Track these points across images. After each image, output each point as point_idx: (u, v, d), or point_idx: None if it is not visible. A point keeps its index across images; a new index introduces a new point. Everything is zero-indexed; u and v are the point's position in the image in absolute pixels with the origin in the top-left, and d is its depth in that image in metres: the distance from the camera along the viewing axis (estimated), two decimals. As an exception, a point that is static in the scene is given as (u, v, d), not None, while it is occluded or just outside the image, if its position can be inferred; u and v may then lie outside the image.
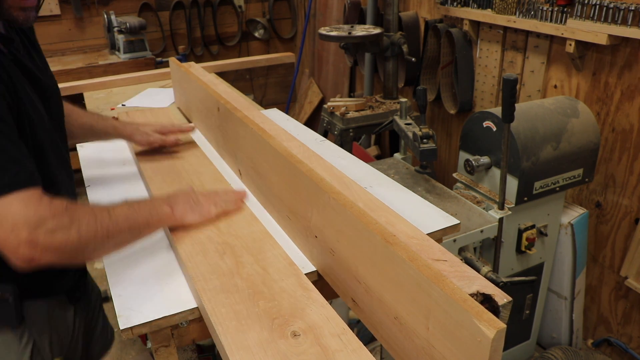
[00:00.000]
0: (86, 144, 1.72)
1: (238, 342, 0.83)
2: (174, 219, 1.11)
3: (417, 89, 1.91)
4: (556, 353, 2.05)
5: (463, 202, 1.85)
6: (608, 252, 2.18)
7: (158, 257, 1.12)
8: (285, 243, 1.15)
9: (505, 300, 0.68)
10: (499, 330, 0.62)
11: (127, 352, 2.51)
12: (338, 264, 0.97)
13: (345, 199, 0.93)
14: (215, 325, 0.86)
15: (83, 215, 0.92)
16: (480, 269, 1.67)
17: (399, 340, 0.82)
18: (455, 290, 0.69)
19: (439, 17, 2.81)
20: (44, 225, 0.84)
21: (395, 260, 0.79)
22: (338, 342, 0.81)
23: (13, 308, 1.03)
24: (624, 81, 1.96)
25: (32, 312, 1.09)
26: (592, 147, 1.93)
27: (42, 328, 1.11)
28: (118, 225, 0.97)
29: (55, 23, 4.01)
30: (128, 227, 1.00)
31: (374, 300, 0.87)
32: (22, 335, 1.07)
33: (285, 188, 1.14)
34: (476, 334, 0.64)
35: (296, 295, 0.93)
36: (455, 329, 0.69)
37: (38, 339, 1.10)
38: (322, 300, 0.91)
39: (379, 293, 0.85)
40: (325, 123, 2.80)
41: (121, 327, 0.92)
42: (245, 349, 0.81)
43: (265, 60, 3.48)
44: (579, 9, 1.97)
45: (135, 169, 1.55)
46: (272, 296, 0.93)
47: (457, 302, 0.67)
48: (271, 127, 1.28)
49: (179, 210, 1.12)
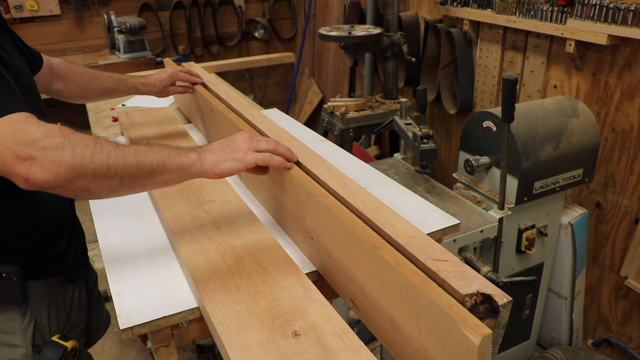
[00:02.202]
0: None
1: (239, 341, 0.83)
2: (201, 167, 0.96)
3: (417, 89, 1.91)
4: (556, 353, 2.05)
5: (463, 202, 1.85)
6: (608, 252, 2.18)
7: (158, 256, 1.12)
8: (285, 242, 1.15)
9: (505, 300, 0.67)
10: (485, 337, 0.62)
11: (127, 352, 2.51)
12: (334, 265, 0.97)
13: (332, 203, 0.93)
14: (217, 325, 0.86)
15: (80, 139, 0.87)
16: (480, 269, 1.67)
17: (397, 342, 0.82)
18: (441, 295, 0.68)
19: (439, 17, 2.81)
20: (36, 143, 0.82)
21: (383, 264, 0.79)
22: (339, 342, 0.81)
23: (18, 287, 1.08)
24: (624, 81, 1.96)
25: (33, 291, 1.13)
26: (592, 147, 1.93)
27: (42, 306, 1.16)
28: (124, 158, 0.88)
29: (55, 23, 4.01)
30: (136, 164, 0.90)
31: (369, 302, 0.87)
32: (26, 312, 1.13)
33: (279, 190, 1.15)
34: (463, 340, 0.65)
35: (297, 295, 0.93)
36: (444, 334, 0.69)
37: (39, 317, 1.15)
38: (322, 300, 0.91)
39: (373, 295, 0.85)
40: (325, 123, 2.80)
41: (121, 327, 0.91)
42: (246, 349, 0.81)
43: (265, 60, 3.49)
44: (579, 9, 1.97)
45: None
46: (272, 296, 0.93)
47: (442, 308, 0.67)
48: (271, 127, 1.28)
49: (208, 158, 0.96)
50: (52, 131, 0.85)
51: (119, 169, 0.88)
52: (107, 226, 1.25)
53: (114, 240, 1.19)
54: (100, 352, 2.48)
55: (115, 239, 1.20)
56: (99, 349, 2.49)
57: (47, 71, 1.41)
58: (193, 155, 0.96)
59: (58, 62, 1.46)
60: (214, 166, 0.97)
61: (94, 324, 1.44)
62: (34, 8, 3.85)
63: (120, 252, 1.14)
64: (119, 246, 1.16)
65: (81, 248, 1.31)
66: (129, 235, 1.21)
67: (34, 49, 1.37)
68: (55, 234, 1.19)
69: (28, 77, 1.18)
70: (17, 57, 1.16)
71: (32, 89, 1.18)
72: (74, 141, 0.85)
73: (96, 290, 1.49)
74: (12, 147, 0.82)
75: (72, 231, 1.26)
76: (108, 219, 1.28)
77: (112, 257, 1.12)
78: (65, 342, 1.13)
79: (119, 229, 1.23)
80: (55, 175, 0.83)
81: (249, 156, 0.99)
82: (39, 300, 1.15)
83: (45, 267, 1.16)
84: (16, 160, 0.82)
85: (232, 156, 0.98)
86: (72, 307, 1.26)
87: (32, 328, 1.14)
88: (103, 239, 1.20)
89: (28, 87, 1.15)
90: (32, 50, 1.36)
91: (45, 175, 0.83)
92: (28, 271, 1.11)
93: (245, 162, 0.98)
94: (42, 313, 1.16)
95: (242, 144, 1.00)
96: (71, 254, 1.24)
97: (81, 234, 1.34)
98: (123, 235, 1.21)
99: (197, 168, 0.96)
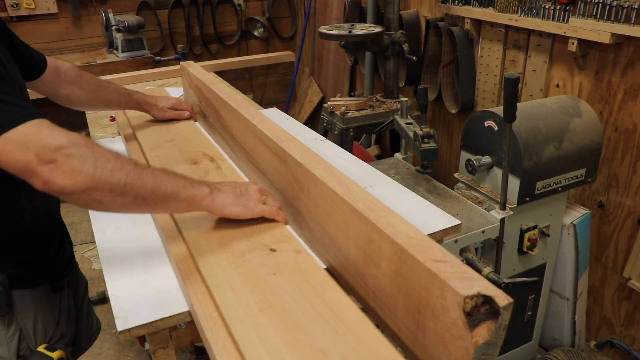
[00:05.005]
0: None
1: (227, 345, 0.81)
2: (211, 203, 1.02)
3: (418, 88, 1.89)
4: (558, 355, 2.03)
5: (464, 203, 1.84)
6: (611, 252, 2.17)
7: (156, 257, 1.11)
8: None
9: (507, 302, 0.66)
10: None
11: (125, 354, 2.49)
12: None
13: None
14: (206, 330, 0.85)
15: (103, 152, 0.89)
16: (481, 270, 1.65)
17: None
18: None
19: (440, 15, 2.79)
20: (62, 149, 0.84)
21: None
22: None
23: (3, 296, 1.08)
24: (627, 80, 1.95)
25: (19, 300, 1.13)
26: (594, 147, 1.91)
27: (28, 315, 1.15)
28: (141, 179, 0.91)
29: (53, 21, 3.99)
30: (152, 187, 0.93)
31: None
32: (10, 322, 1.12)
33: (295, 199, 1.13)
34: None
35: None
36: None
37: (24, 326, 1.14)
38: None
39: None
40: (326, 122, 2.79)
41: (119, 329, 0.90)
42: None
43: (265, 59, 3.47)
44: (582, 7, 1.95)
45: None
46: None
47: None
48: (270, 127, 1.26)
49: (220, 197, 1.03)
50: (77, 140, 0.87)
51: (135, 189, 0.91)
52: (104, 227, 1.23)
53: (111, 241, 1.17)
54: (98, 353, 2.47)
55: (112, 239, 1.18)
56: (97, 350, 2.47)
57: (53, 75, 1.39)
58: (206, 189, 1.01)
59: (67, 66, 1.44)
60: (224, 206, 1.04)
61: (83, 333, 1.43)
62: (31, 6, 3.83)
63: (118, 252, 1.12)
64: (117, 247, 1.15)
65: (68, 256, 1.31)
66: (127, 236, 1.19)
67: (37, 52, 1.34)
68: (42, 242, 1.18)
69: (21, 85, 1.17)
70: (12, 67, 1.15)
71: (25, 97, 1.18)
72: (97, 153, 0.88)
73: (86, 298, 1.47)
74: (38, 150, 0.83)
75: (60, 239, 1.25)
76: (105, 220, 1.26)
77: (110, 258, 1.10)
78: (51, 353, 1.12)
79: (117, 230, 1.22)
80: (74, 183, 0.85)
81: (258, 207, 1.07)
82: (25, 309, 1.14)
83: (32, 275, 1.15)
84: (40, 162, 0.83)
85: (242, 202, 1.06)
86: (60, 316, 1.25)
87: (17, 338, 1.13)
88: (100, 239, 1.18)
89: (21, 96, 1.14)
90: (34, 53, 1.33)
91: (65, 182, 0.84)
92: (13, 280, 1.10)
93: (253, 212, 1.07)
94: (27, 323, 1.14)
95: (254, 195, 1.08)
96: (58, 262, 1.23)
97: (68, 242, 1.33)
98: (121, 236, 1.19)
99: (208, 202, 1.02)
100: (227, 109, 1.45)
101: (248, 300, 0.89)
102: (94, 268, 2.99)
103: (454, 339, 0.69)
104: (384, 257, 0.82)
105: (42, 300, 1.18)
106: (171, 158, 1.47)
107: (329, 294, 0.89)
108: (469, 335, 0.66)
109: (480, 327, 0.66)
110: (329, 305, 0.86)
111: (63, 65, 1.44)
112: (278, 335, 0.81)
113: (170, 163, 1.43)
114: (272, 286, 0.92)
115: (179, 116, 1.74)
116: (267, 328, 0.82)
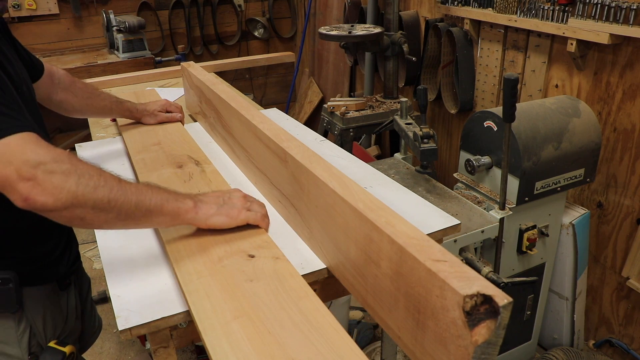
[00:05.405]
0: (84, 143, 1.77)
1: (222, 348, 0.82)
2: (195, 216, 1.02)
3: (418, 88, 1.90)
4: (557, 354, 2.04)
5: (464, 202, 1.84)
6: (609, 252, 2.17)
7: (157, 257, 1.11)
8: (290, 240, 1.14)
9: (506, 301, 0.66)
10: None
11: (126, 353, 2.50)
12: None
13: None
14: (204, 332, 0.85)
15: (86, 169, 0.88)
16: (480, 270, 1.66)
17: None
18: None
19: (440, 16, 2.80)
20: (43, 166, 0.83)
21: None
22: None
23: (14, 294, 1.08)
24: (625, 81, 1.95)
25: (28, 297, 1.13)
26: (593, 147, 1.92)
27: (37, 312, 1.15)
28: (125, 195, 0.91)
29: (54, 22, 4.00)
30: (135, 202, 0.93)
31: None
32: (21, 320, 1.13)
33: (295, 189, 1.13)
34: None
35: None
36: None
37: (34, 324, 1.15)
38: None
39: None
40: (326, 123, 2.79)
41: (120, 328, 0.90)
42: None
43: (265, 60, 3.47)
44: (581, 8, 1.96)
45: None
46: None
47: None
48: (270, 127, 1.27)
49: (204, 208, 1.03)
50: (61, 156, 0.86)
51: (118, 205, 0.90)
52: (105, 226, 1.24)
53: (112, 241, 1.17)
54: (99, 352, 2.47)
55: (113, 239, 1.18)
56: (98, 349, 2.48)
57: (48, 80, 1.40)
58: (189, 202, 1.01)
59: (60, 73, 1.45)
60: (207, 218, 1.03)
61: (87, 330, 1.44)
62: (33, 7, 3.84)
63: (119, 252, 1.13)
64: (118, 246, 1.15)
65: (74, 255, 1.32)
66: (128, 236, 1.19)
67: (35, 57, 1.36)
68: (50, 241, 1.19)
69: (28, 85, 1.18)
70: (19, 65, 1.16)
71: (32, 97, 1.18)
72: (80, 170, 0.87)
73: (90, 296, 1.49)
74: (19, 165, 0.82)
75: (66, 237, 1.26)
76: (106, 220, 1.26)
77: (111, 258, 1.11)
78: (62, 348, 1.13)
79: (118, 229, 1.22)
80: (56, 201, 0.84)
81: (242, 215, 1.07)
82: (34, 306, 1.14)
83: (40, 273, 1.16)
84: (19, 178, 0.82)
85: (226, 212, 1.05)
86: (68, 313, 1.26)
87: (27, 335, 1.13)
88: (102, 239, 1.18)
89: (29, 95, 1.16)
90: (33, 58, 1.35)
91: (46, 199, 0.83)
92: (23, 278, 1.10)
93: (237, 220, 1.06)
94: (37, 320, 1.15)
95: (238, 202, 1.08)
96: (65, 260, 1.24)
97: (74, 240, 1.34)
98: (122, 235, 1.19)
99: (191, 216, 1.02)
100: (228, 109, 1.46)
101: (222, 308, 0.89)
102: (95, 268, 3.00)
103: (454, 338, 0.69)
104: (384, 256, 0.83)
105: (50, 298, 1.19)
106: (157, 161, 1.46)
107: (305, 302, 0.89)
108: (468, 335, 0.67)
109: (479, 327, 0.66)
110: (304, 313, 0.87)
111: (57, 71, 1.45)
112: (250, 343, 0.81)
113: (155, 166, 1.43)
114: (247, 293, 0.92)
115: (171, 119, 1.76)
116: (240, 336, 0.82)
